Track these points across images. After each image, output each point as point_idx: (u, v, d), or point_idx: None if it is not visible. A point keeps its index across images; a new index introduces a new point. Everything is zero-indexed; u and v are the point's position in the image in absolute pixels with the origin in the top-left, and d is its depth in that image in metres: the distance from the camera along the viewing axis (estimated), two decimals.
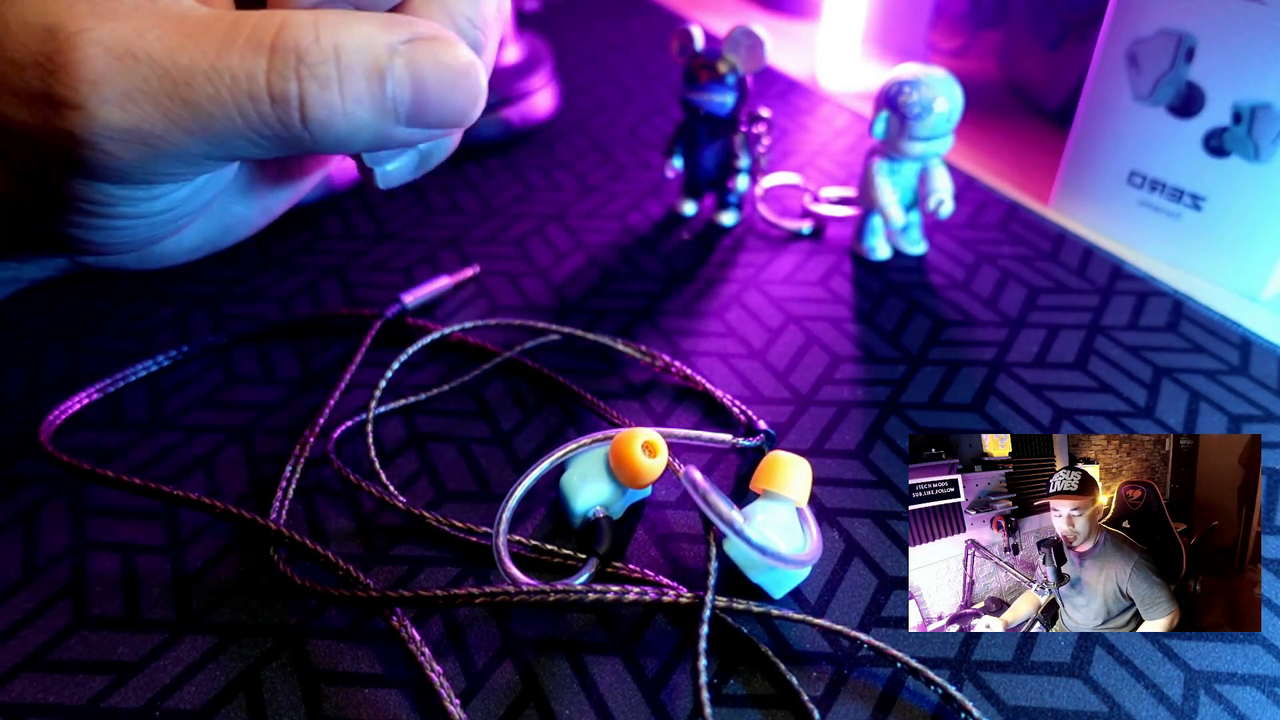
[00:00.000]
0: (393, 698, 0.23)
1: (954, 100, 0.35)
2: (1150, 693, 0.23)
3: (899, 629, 0.24)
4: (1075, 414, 0.31)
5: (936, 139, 0.36)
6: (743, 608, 0.24)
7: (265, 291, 0.37)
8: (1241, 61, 0.35)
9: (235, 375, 0.33)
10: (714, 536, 0.24)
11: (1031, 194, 0.46)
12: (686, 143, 0.41)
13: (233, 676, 0.23)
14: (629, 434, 0.26)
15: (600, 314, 0.36)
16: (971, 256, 0.40)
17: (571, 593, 0.22)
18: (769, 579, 0.24)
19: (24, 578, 0.26)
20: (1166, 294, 0.37)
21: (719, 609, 0.23)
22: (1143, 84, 0.38)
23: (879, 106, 0.36)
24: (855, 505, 0.28)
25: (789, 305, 0.37)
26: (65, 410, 0.30)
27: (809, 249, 0.41)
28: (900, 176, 0.37)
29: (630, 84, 0.58)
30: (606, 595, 0.22)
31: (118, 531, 0.27)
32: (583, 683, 0.23)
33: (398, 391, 0.32)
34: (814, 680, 0.23)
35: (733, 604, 0.24)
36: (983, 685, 0.23)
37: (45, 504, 0.28)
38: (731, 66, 0.38)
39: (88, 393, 0.31)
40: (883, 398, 0.32)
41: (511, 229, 0.42)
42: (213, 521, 0.27)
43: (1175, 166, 0.39)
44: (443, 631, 0.24)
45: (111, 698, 0.23)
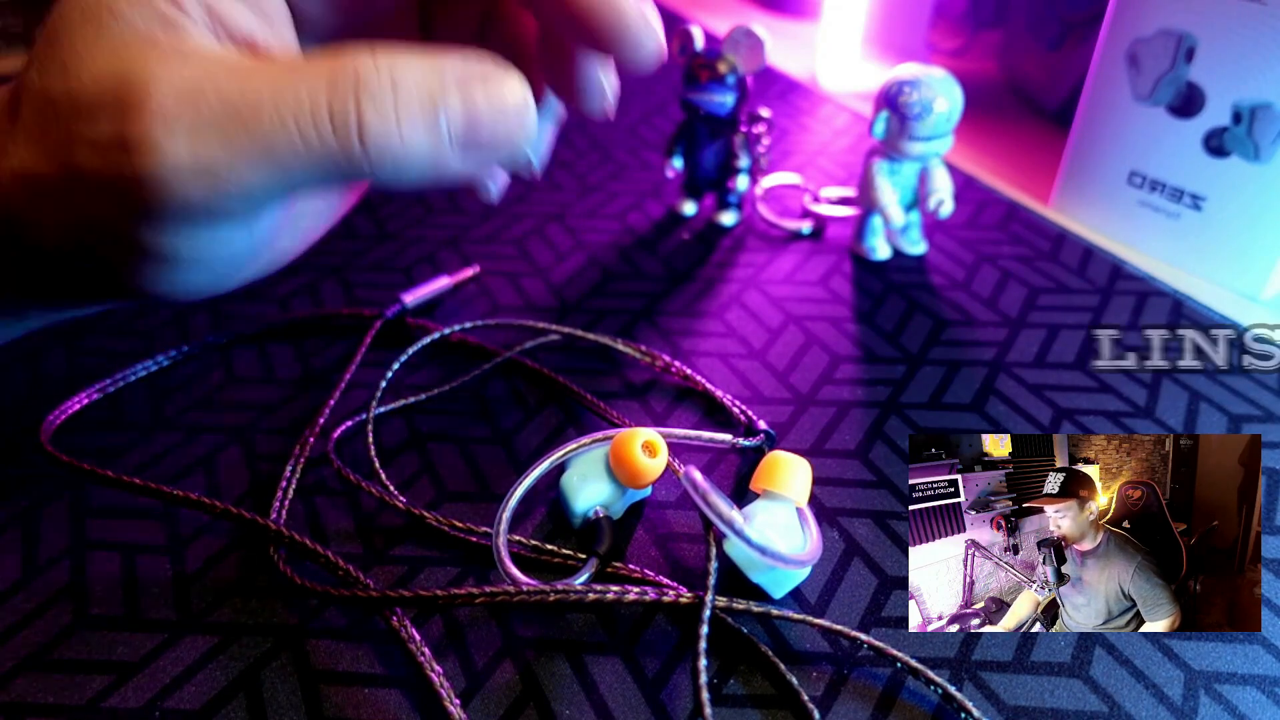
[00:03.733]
0: (393, 698, 0.23)
1: (954, 100, 0.35)
2: (1150, 693, 0.23)
3: (899, 629, 0.24)
4: (1075, 414, 0.31)
5: (936, 139, 0.36)
6: (742, 608, 0.24)
7: (265, 291, 0.37)
8: (1241, 61, 0.35)
9: (235, 375, 0.33)
10: (714, 536, 0.24)
11: (1031, 194, 0.46)
12: (686, 143, 0.41)
13: (233, 676, 0.23)
14: (629, 434, 0.26)
15: (600, 314, 0.36)
16: (971, 256, 0.40)
17: (571, 593, 0.22)
18: (769, 579, 0.24)
19: (24, 578, 0.26)
20: (1166, 294, 0.37)
21: (719, 609, 0.23)
22: (1143, 84, 0.38)
23: (879, 106, 0.36)
24: (855, 505, 0.28)
25: (789, 305, 0.37)
26: (65, 410, 0.30)
27: (809, 249, 0.41)
28: (900, 176, 0.37)
29: (630, 84, 0.58)
30: (606, 595, 0.22)
31: (118, 531, 0.27)
32: (583, 683, 0.23)
33: (398, 391, 0.32)
34: (814, 680, 0.23)
35: (733, 604, 0.24)
36: (983, 685, 0.23)
37: (45, 504, 0.28)
38: (731, 66, 0.38)
39: (88, 393, 0.31)
40: (883, 398, 0.32)
41: (511, 229, 0.42)
42: (213, 521, 0.27)
43: (1175, 166, 0.39)
44: (443, 631, 0.24)
45: (111, 698, 0.23)
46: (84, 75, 0.18)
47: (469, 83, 0.19)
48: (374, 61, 0.18)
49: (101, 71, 0.18)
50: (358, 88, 0.18)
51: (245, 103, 0.18)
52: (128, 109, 0.18)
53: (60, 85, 0.18)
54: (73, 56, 0.18)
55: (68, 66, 0.18)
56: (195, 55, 0.18)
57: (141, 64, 0.18)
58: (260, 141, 0.18)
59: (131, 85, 0.18)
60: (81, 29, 0.18)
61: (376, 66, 0.18)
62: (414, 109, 0.19)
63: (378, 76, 0.18)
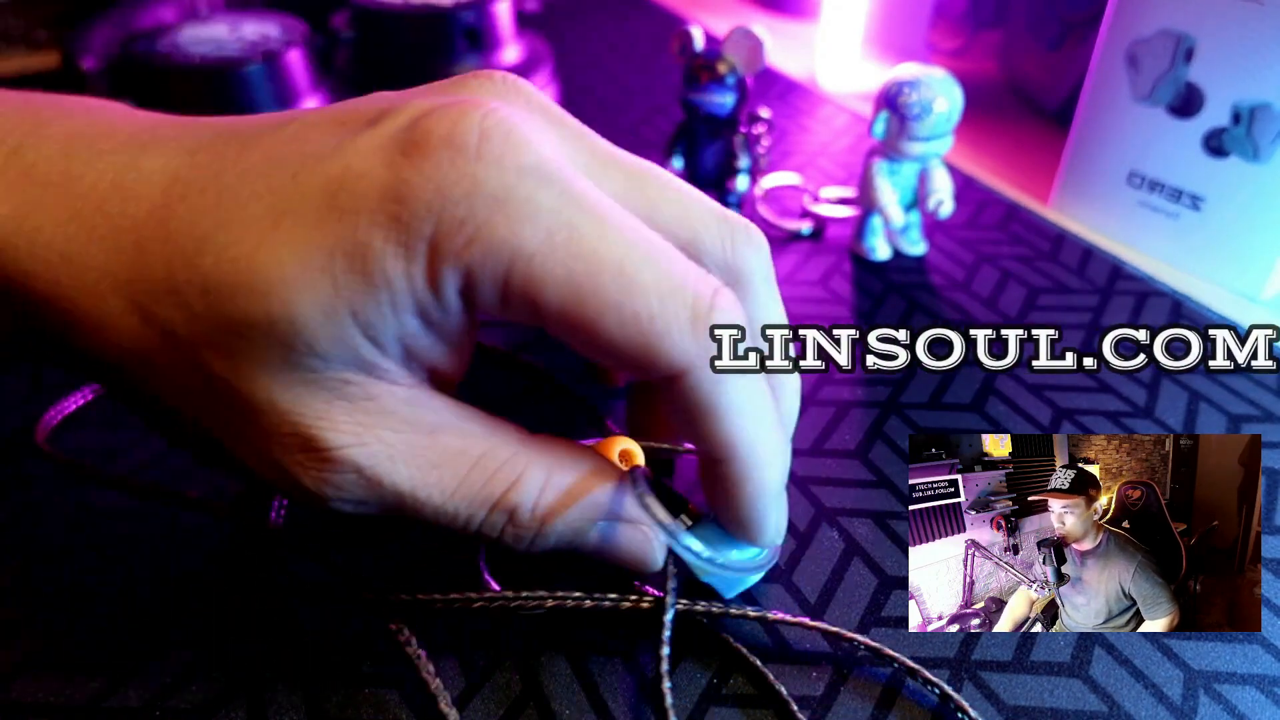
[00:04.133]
0: (393, 698, 0.23)
1: (954, 100, 0.35)
2: (1150, 692, 0.23)
3: (899, 629, 0.24)
4: (1075, 414, 0.31)
5: (936, 139, 0.36)
6: (739, 612, 0.24)
7: None
8: (1241, 61, 0.35)
9: None
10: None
11: (1031, 194, 0.46)
12: (686, 143, 0.41)
13: (233, 677, 0.23)
14: (602, 449, 0.25)
15: None
16: (971, 256, 0.40)
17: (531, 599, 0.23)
18: (718, 580, 0.24)
19: (24, 577, 0.26)
20: (1166, 294, 0.37)
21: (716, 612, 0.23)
22: (1142, 84, 0.38)
23: (879, 106, 0.36)
24: (855, 505, 0.28)
25: (789, 305, 0.37)
26: (61, 410, 0.30)
27: (809, 249, 0.41)
28: (900, 177, 0.37)
29: (630, 84, 0.58)
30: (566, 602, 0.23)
31: (118, 531, 0.27)
32: (583, 683, 0.23)
33: None
34: (813, 680, 0.23)
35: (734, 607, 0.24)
36: (983, 685, 0.23)
37: (45, 504, 0.28)
38: (731, 67, 0.38)
39: (82, 393, 0.31)
40: (883, 398, 0.32)
41: None
42: (213, 521, 0.27)
43: (1175, 167, 0.39)
44: (443, 631, 0.24)
45: (111, 698, 0.23)
46: (261, 393, 0.18)
47: (619, 529, 0.22)
48: (533, 505, 0.20)
49: (286, 407, 0.18)
50: (510, 521, 0.21)
51: (414, 500, 0.20)
52: (310, 473, 0.19)
53: (227, 372, 0.18)
54: (248, 361, 0.18)
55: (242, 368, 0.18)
56: (386, 419, 0.19)
57: (331, 422, 0.18)
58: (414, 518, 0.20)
59: (320, 448, 0.19)
60: (267, 339, 0.17)
61: (536, 506, 0.21)
62: (547, 544, 0.21)
63: (529, 520, 0.21)
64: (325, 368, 0.18)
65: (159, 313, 0.18)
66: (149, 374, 0.19)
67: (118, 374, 0.19)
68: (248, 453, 0.19)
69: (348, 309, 0.17)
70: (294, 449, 0.18)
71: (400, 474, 0.19)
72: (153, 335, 0.18)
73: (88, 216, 0.18)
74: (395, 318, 0.18)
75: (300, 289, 0.17)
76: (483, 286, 0.18)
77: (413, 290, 0.18)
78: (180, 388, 0.19)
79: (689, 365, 0.18)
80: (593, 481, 0.21)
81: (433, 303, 0.18)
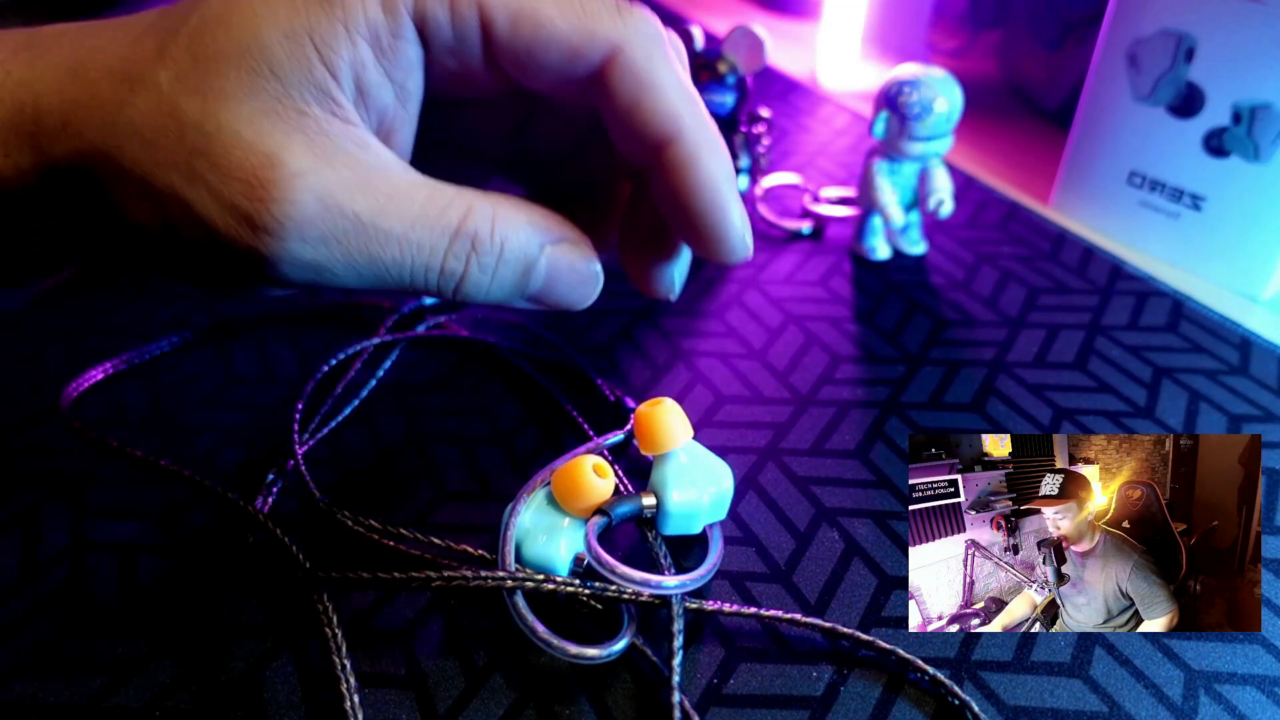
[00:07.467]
0: (393, 698, 0.23)
1: (954, 100, 0.35)
2: (1150, 693, 0.23)
3: (899, 629, 0.24)
4: (1075, 414, 0.31)
5: (936, 139, 0.36)
6: (736, 611, 0.24)
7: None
8: (1241, 61, 0.35)
9: (234, 375, 0.33)
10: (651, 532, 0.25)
11: (1031, 194, 0.46)
12: None
13: (233, 676, 0.23)
14: (567, 470, 0.25)
15: (601, 314, 0.36)
16: (971, 256, 0.40)
17: (491, 579, 0.23)
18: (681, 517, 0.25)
19: (24, 578, 0.26)
20: (1166, 294, 0.37)
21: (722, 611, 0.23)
22: (1143, 84, 0.38)
23: (879, 106, 0.36)
24: (855, 505, 0.28)
25: (789, 305, 0.37)
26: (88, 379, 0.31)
27: (809, 249, 0.41)
28: (900, 176, 0.37)
29: None
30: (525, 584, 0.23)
31: (118, 531, 0.27)
32: (583, 683, 0.23)
33: (399, 391, 0.32)
34: (814, 680, 0.23)
35: (733, 606, 0.24)
36: (983, 685, 0.23)
37: (45, 504, 0.28)
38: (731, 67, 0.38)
39: (103, 367, 0.32)
40: (883, 398, 0.32)
41: None
42: (213, 521, 0.27)
43: (1175, 166, 0.39)
44: (444, 631, 0.24)
45: (111, 698, 0.23)
46: (227, 133, 0.19)
47: (558, 248, 0.22)
48: (491, 226, 0.21)
49: (249, 138, 0.19)
50: (473, 249, 0.21)
51: (377, 230, 0.20)
52: (268, 197, 0.19)
53: (198, 115, 0.19)
54: (219, 97, 0.19)
55: (211, 105, 0.19)
56: (341, 156, 0.19)
57: (291, 151, 0.19)
58: (376, 264, 0.20)
59: (278, 172, 0.19)
60: (236, 70, 0.19)
61: (492, 232, 0.21)
62: (509, 272, 0.21)
63: (490, 243, 0.21)
64: (284, 94, 0.19)
65: (149, 76, 0.19)
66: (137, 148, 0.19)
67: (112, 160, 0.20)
68: (210, 205, 0.19)
69: (306, 30, 0.19)
70: (255, 184, 0.19)
71: (360, 202, 0.19)
72: (148, 103, 0.19)
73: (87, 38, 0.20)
74: (349, 40, 0.19)
75: (266, 14, 0.19)
76: (431, 4, 0.20)
77: (365, 11, 0.19)
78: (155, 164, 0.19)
79: (621, 40, 0.21)
80: (529, 203, 0.22)
81: (385, 26, 0.20)
